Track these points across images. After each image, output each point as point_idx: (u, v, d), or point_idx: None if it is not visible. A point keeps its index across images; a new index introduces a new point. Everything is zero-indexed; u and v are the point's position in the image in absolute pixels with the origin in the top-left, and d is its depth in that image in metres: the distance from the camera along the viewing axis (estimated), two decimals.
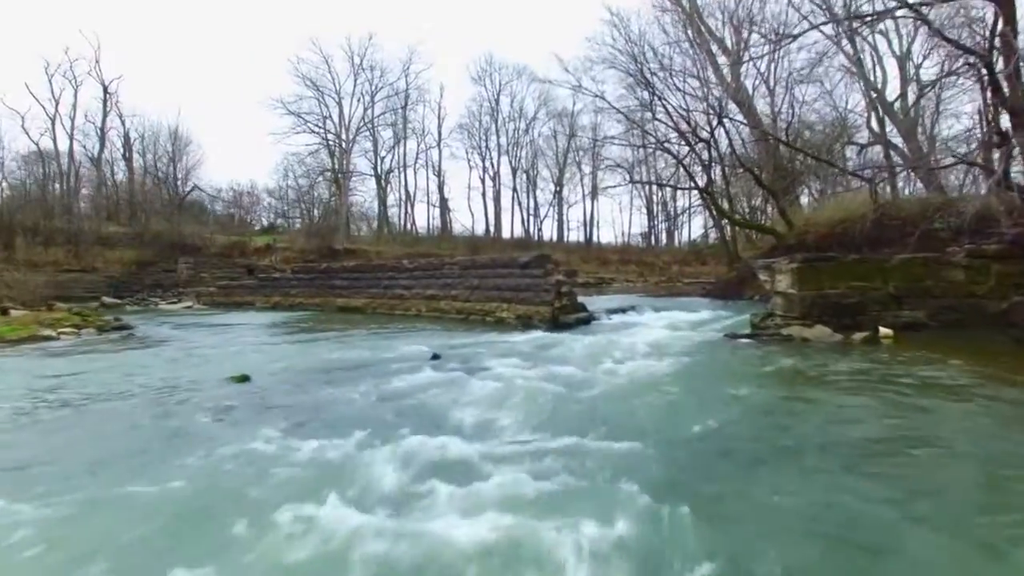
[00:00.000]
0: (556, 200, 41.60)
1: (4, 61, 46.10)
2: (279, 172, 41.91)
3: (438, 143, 39.93)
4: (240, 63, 57.77)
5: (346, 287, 17.61)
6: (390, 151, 39.10)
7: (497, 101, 39.54)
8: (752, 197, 26.69)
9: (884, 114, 17.37)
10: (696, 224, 40.50)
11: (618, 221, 73.88)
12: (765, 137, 19.39)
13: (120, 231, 28.03)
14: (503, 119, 39.77)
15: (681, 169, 22.99)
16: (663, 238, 43.75)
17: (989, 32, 9.42)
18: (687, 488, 2.99)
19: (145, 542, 2.56)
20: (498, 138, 39.81)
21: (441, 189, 40.40)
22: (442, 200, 40.58)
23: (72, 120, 32.22)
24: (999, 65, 9.11)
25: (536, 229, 41.17)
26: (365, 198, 40.40)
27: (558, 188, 41.29)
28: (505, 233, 40.04)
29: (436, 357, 7.54)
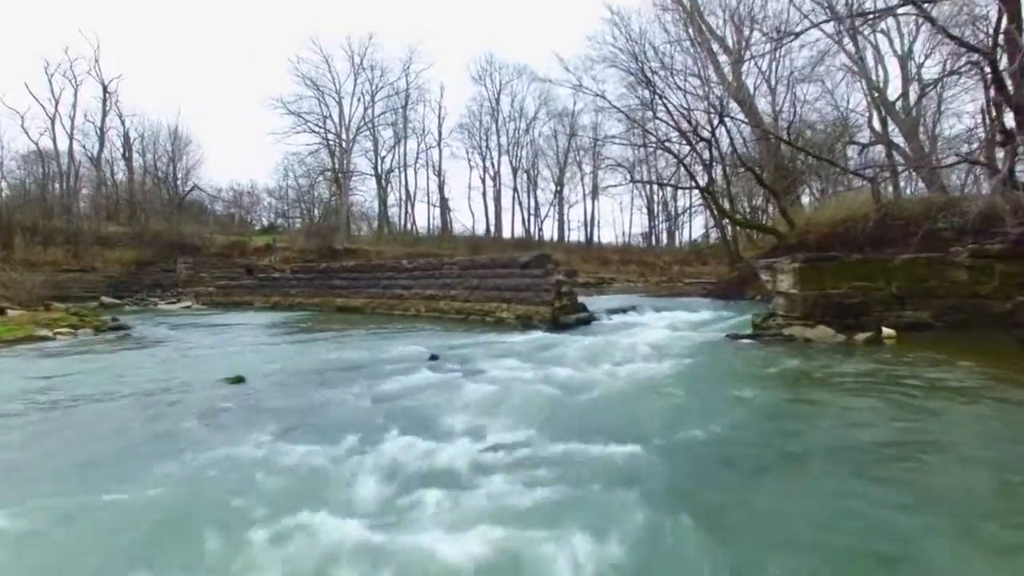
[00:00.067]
0: (557, 200, 41.58)
1: (4, 61, 46.19)
2: (279, 172, 41.93)
3: (438, 143, 39.92)
4: (240, 63, 57.82)
5: (345, 287, 17.53)
6: (390, 151, 39.10)
7: (497, 101, 39.53)
8: (753, 197, 26.63)
9: (885, 113, 17.29)
10: (697, 224, 40.54)
11: (619, 221, 73.74)
12: (766, 136, 19.30)
13: (119, 231, 27.98)
14: (503, 119, 39.76)
15: (682, 168, 22.89)
16: (664, 238, 43.77)
17: (993, 29, 9.37)
18: (689, 497, 2.89)
19: (114, 556, 2.46)
20: (498, 138, 39.79)
21: (441, 189, 40.43)
22: (442, 200, 40.59)
23: (72, 120, 32.27)
24: (1003, 62, 9.04)
25: (537, 229, 41.15)
26: (365, 198, 40.41)
27: (559, 188, 41.26)
28: (506, 233, 40.02)
29: (434, 358, 7.45)
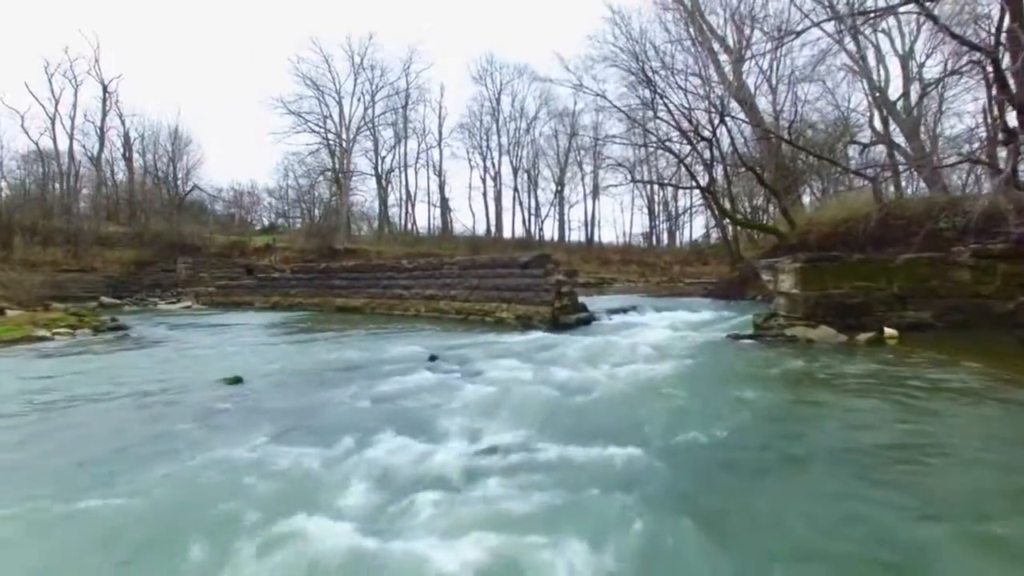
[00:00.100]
0: (557, 200, 41.51)
1: (4, 61, 46.15)
2: (279, 172, 41.97)
3: (439, 143, 39.88)
4: (240, 63, 57.82)
5: (345, 287, 17.50)
6: (391, 151, 39.06)
7: (498, 100, 39.46)
8: (754, 196, 26.57)
9: (887, 113, 17.23)
10: (698, 224, 40.43)
11: (619, 221, 73.44)
12: (767, 136, 19.23)
13: (119, 231, 27.95)
14: (504, 118, 39.70)
15: (682, 168, 22.77)
16: (664, 238, 43.67)
17: (995, 28, 9.33)
18: (689, 500, 2.84)
19: (99, 564, 2.41)
20: (499, 138, 39.74)
21: (442, 189, 40.38)
22: (443, 200, 40.54)
23: (72, 120, 32.21)
24: (1006, 61, 8.99)
25: (537, 229, 41.08)
26: (366, 198, 40.35)
27: (559, 188, 41.19)
28: (506, 233, 39.93)
29: (433, 358, 7.41)
